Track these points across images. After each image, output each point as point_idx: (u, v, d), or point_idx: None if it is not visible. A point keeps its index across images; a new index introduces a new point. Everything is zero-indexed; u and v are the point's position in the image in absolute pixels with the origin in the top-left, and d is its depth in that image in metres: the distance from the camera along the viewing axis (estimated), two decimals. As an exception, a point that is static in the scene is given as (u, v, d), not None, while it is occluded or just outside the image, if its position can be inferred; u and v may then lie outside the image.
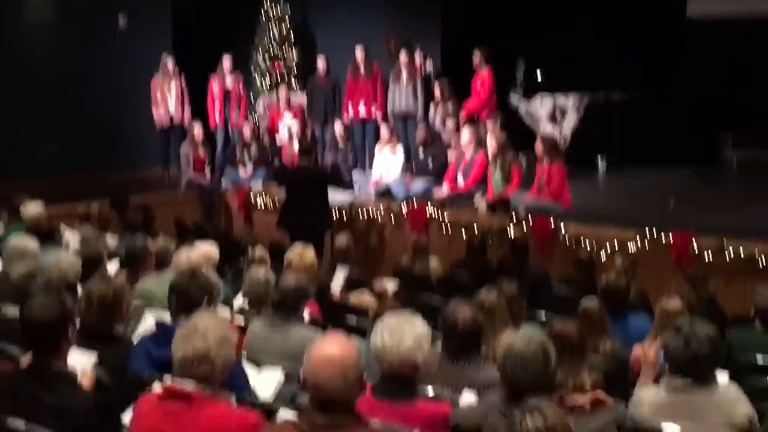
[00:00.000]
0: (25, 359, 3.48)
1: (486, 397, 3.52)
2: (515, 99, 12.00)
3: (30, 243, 5.79)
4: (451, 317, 4.04)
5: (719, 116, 12.90)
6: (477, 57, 11.19)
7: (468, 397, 3.66)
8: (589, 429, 3.14)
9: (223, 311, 5.05)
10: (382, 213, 10.26)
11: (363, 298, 6.42)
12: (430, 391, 3.77)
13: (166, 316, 4.44)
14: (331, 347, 2.95)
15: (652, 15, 12.01)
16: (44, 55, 12.15)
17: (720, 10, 12.48)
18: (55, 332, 3.42)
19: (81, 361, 3.76)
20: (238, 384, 3.69)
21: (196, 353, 3.14)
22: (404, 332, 3.48)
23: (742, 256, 7.85)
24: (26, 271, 4.80)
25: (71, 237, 7.33)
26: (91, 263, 5.58)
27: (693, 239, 8.10)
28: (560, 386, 3.49)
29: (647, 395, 3.86)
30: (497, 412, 3.30)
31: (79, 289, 4.63)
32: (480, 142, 10.15)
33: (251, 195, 11.30)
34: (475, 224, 9.41)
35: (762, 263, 7.74)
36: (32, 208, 7.34)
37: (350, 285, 6.90)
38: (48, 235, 6.74)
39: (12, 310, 4.19)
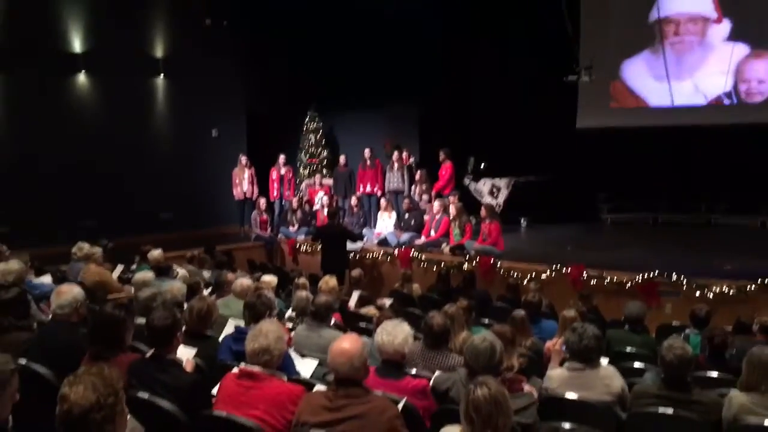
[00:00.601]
0: (149, 352, 3.46)
1: (453, 373, 3.50)
2: (467, 181, 12.06)
3: (149, 275, 5.77)
4: (429, 322, 4.02)
5: (599, 191, 13.13)
6: (442, 154, 11.28)
7: (439, 375, 3.62)
8: (518, 404, 3.09)
9: (279, 320, 5.01)
10: (382, 255, 10.24)
11: (369, 310, 6.39)
12: (413, 371, 3.73)
13: (241, 323, 4.42)
14: (344, 343, 2.95)
15: (555, 127, 12.16)
16: (164, 152, 12.21)
17: (597, 124, 12.68)
18: (169, 334, 3.40)
19: (186, 354, 3.74)
20: (288, 368, 3.65)
21: (261, 347, 3.13)
22: (396, 332, 3.46)
23: (615, 281, 7.89)
24: (149, 294, 4.79)
25: (180, 271, 7.30)
26: (193, 289, 5.56)
27: (583, 270, 8.13)
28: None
29: (555, 374, 3.82)
30: (460, 384, 3.30)
31: (185, 306, 4.60)
32: (445, 209, 10.19)
33: (297, 243, 11.28)
34: (442, 261, 9.41)
35: (628, 287, 7.76)
36: (155, 253, 7.32)
37: (361, 302, 6.86)
38: (165, 271, 6.71)
39: (140, 320, 4.17)
